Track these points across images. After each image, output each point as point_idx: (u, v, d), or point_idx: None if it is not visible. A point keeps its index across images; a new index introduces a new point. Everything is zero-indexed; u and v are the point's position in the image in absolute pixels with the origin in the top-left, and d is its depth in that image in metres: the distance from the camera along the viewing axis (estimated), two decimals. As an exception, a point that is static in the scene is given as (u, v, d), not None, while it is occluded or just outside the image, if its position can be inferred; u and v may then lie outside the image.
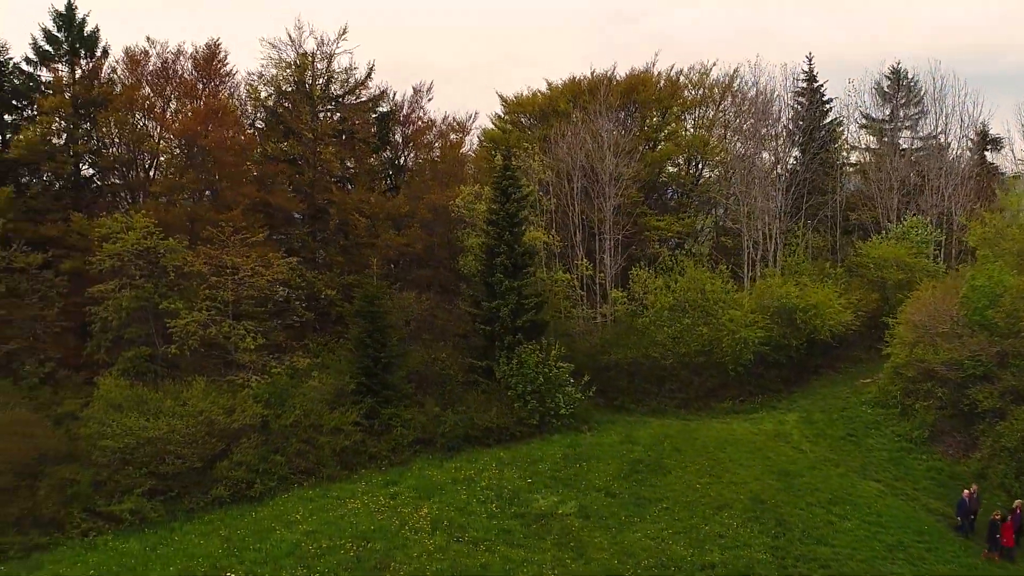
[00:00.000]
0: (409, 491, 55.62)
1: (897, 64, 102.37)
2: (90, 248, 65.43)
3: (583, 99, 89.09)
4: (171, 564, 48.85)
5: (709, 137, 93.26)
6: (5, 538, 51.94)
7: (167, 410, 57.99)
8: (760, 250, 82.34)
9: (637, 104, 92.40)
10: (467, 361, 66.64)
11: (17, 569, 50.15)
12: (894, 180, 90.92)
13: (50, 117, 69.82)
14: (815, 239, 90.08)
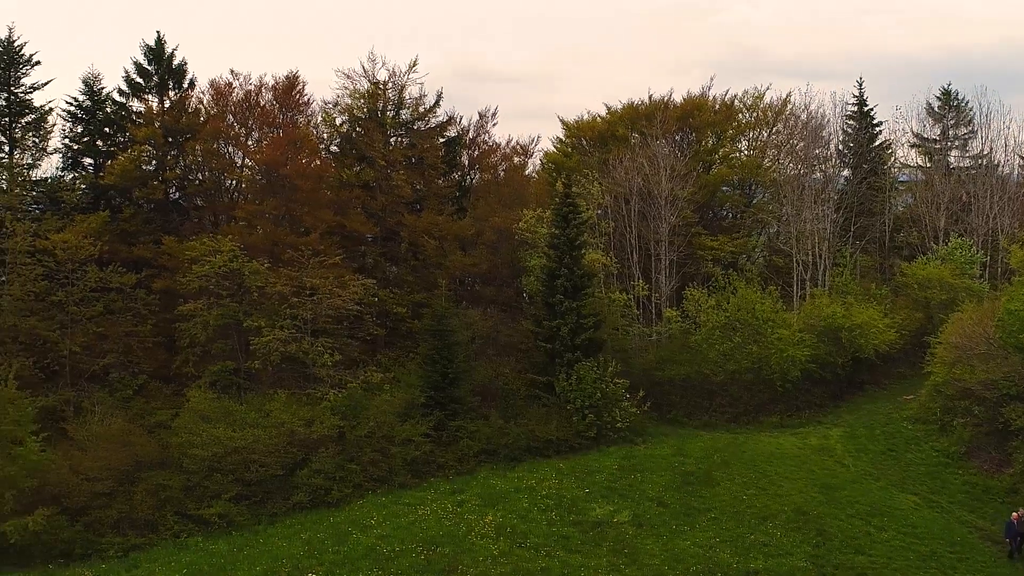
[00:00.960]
0: (475, 499, 59.37)
1: (947, 85, 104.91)
2: (179, 268, 69.85)
3: (640, 124, 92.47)
4: (257, 564, 52.99)
5: (762, 159, 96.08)
6: (105, 538, 56.48)
7: (251, 421, 62.29)
8: (810, 270, 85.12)
9: (692, 128, 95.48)
10: (529, 376, 70.25)
11: (117, 567, 54.60)
12: (942, 199, 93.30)
13: (142, 146, 74.38)
14: (863, 259, 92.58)
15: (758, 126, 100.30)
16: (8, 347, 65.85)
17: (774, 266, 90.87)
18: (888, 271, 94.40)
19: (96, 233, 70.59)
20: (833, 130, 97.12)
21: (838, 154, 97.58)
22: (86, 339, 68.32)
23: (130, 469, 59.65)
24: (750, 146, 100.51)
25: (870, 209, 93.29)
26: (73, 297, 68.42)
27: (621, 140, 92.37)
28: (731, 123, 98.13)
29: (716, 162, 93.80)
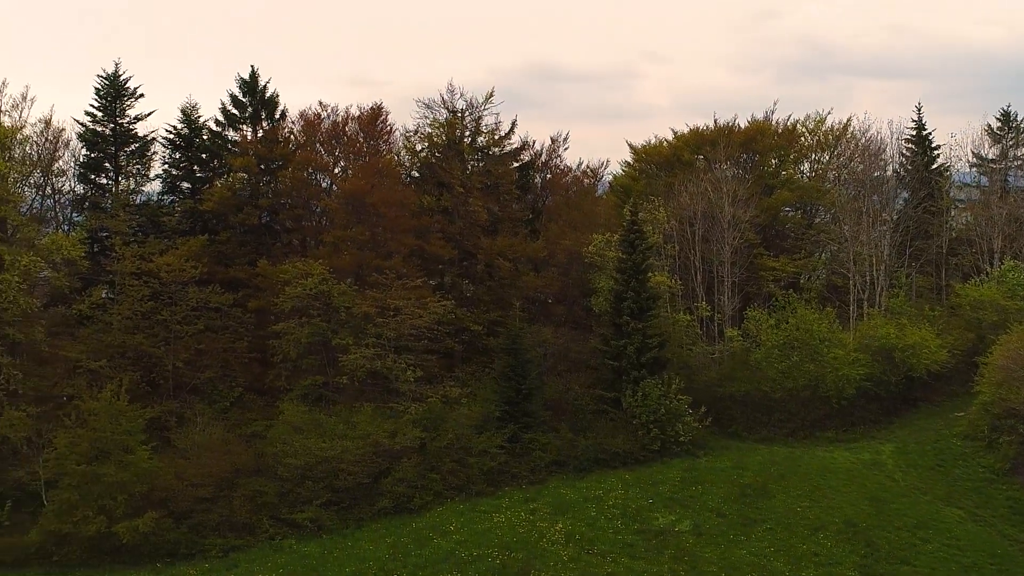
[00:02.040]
0: (546, 507, 63.31)
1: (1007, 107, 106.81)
2: (272, 289, 74.46)
3: (705, 149, 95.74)
4: (345, 566, 57.47)
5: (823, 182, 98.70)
6: (208, 540, 61.20)
7: (339, 433, 66.63)
8: (867, 290, 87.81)
9: (755, 152, 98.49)
10: (597, 392, 73.91)
11: (218, 566, 59.33)
12: (998, 220, 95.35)
13: (238, 175, 79.15)
14: (919, 280, 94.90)
15: (819, 149, 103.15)
16: (118, 362, 70.92)
17: (833, 285, 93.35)
18: (943, 292, 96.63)
19: (196, 255, 75.57)
20: (891, 154, 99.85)
21: (896, 178, 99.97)
22: (188, 355, 73.39)
23: (229, 476, 64.27)
24: (811, 168, 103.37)
25: (926, 231, 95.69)
26: (176, 316, 73.46)
27: (686, 164, 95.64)
28: (793, 147, 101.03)
29: (778, 185, 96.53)
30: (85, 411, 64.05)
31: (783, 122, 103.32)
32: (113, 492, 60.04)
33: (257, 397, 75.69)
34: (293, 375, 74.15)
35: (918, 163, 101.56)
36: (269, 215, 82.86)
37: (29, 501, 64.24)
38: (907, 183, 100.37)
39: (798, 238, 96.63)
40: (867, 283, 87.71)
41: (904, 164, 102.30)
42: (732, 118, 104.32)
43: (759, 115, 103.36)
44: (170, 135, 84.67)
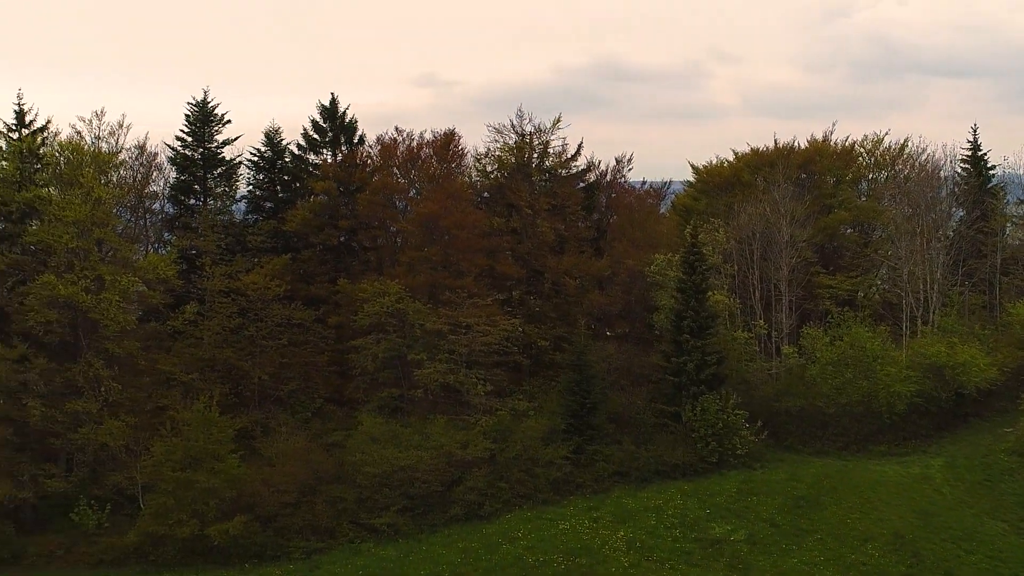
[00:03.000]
0: (608, 516, 66.45)
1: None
2: (351, 305, 78.23)
3: (764, 170, 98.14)
4: (421, 569, 61.20)
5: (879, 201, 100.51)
6: (292, 542, 65.07)
7: (414, 443, 70.17)
8: (920, 308, 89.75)
9: (813, 172, 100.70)
10: (658, 406, 76.74)
11: (301, 568, 63.24)
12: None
13: (319, 198, 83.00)
14: (972, 298, 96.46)
15: (876, 168, 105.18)
16: (208, 375, 75.16)
17: (888, 303, 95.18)
18: (996, 310, 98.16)
19: (280, 274, 79.59)
20: (946, 175, 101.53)
21: (951, 197, 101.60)
22: (273, 368, 77.54)
23: (311, 482, 68.11)
24: (869, 188, 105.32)
25: (980, 251, 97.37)
26: (262, 331, 77.61)
27: (746, 185, 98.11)
28: (850, 168, 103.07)
29: (835, 206, 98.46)
30: (179, 421, 68.46)
31: (841, 142, 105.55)
32: (205, 497, 64.01)
33: (337, 408, 79.57)
34: (371, 387, 77.90)
35: (972, 183, 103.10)
36: (348, 235, 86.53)
37: (127, 504, 68.64)
38: (962, 203, 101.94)
39: (855, 256, 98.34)
40: (920, 301, 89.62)
41: (959, 184, 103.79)
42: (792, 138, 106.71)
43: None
44: (254, 158, 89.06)
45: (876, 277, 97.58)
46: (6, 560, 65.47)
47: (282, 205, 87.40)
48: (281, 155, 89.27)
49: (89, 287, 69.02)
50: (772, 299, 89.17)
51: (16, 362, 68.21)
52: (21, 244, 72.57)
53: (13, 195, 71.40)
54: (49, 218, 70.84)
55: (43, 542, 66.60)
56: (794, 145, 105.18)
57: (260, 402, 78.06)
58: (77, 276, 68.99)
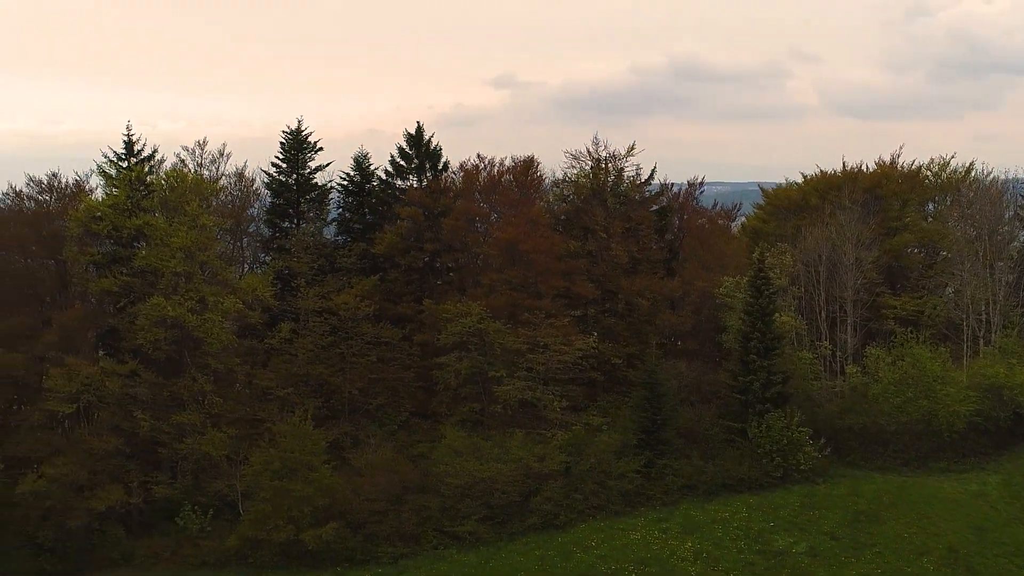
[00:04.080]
0: (677, 527, 69.45)
1: None
2: (435, 324, 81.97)
3: (832, 194, 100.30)
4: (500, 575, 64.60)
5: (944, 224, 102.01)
6: (380, 548, 68.84)
7: (494, 456, 73.62)
8: (983, 329, 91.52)
9: (879, 196, 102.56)
10: (725, 423, 79.47)
11: (389, 572, 67.18)
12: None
13: (406, 223, 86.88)
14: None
15: (942, 191, 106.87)
16: (302, 390, 79.35)
17: (952, 323, 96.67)
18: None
19: (368, 294, 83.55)
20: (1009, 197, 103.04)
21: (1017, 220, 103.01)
22: (362, 383, 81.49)
23: (398, 492, 71.87)
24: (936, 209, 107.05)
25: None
26: (352, 349, 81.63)
27: (814, 208, 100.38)
28: (916, 191, 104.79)
29: (901, 228, 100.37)
30: (276, 433, 72.58)
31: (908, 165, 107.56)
32: (300, 504, 67.89)
33: (422, 421, 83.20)
34: (453, 402, 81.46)
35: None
36: (432, 257, 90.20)
37: (227, 510, 72.84)
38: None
39: (920, 276, 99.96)
40: (983, 322, 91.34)
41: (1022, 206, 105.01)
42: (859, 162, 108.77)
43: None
44: (344, 182, 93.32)
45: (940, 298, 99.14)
46: (117, 560, 70.33)
47: (370, 228, 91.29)
48: (369, 179, 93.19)
49: (194, 308, 73.58)
50: (837, 319, 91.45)
51: (127, 377, 72.92)
52: (131, 267, 77.21)
53: (124, 221, 76.02)
54: (156, 243, 75.51)
55: (150, 544, 71.14)
56: (862, 167, 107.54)
57: (350, 415, 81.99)
58: (183, 298, 73.56)
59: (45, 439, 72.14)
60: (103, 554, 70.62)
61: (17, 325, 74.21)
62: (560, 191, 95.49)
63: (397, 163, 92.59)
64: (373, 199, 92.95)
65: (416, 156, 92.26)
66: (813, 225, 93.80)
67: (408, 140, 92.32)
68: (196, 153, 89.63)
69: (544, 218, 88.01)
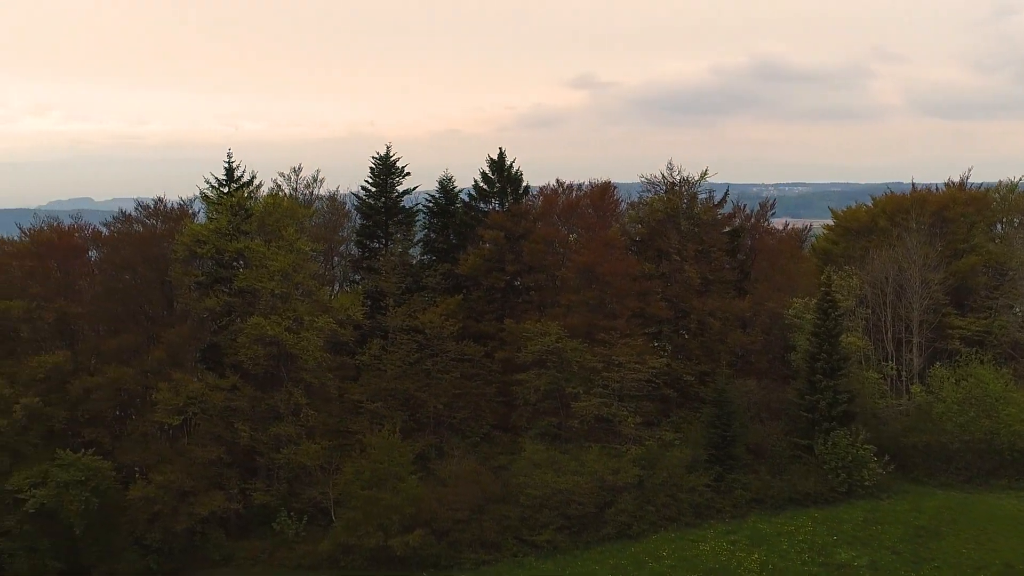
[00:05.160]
0: (744, 539, 72.24)
1: None
2: (516, 342, 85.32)
3: (900, 216, 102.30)
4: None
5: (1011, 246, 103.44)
6: (463, 554, 72.55)
7: (571, 469, 76.87)
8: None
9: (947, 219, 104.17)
10: (792, 439, 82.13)
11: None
12: None
13: (489, 245, 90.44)
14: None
15: (1009, 212, 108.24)
16: (391, 403, 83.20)
17: (1018, 343, 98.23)
18: None
19: (453, 312, 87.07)
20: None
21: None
22: (447, 398, 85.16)
23: (480, 502, 75.41)
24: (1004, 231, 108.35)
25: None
26: (437, 365, 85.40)
27: (882, 231, 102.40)
28: (983, 213, 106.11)
29: (967, 250, 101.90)
30: (366, 445, 76.60)
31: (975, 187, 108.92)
32: (388, 513, 71.76)
33: (502, 434, 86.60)
34: (533, 416, 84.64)
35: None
36: (512, 277, 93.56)
37: (320, 516, 76.97)
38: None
39: (986, 297, 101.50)
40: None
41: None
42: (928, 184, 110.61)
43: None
44: (429, 204, 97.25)
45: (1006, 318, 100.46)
46: (218, 561, 74.94)
47: (455, 248, 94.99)
48: (453, 201, 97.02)
49: (290, 326, 77.75)
50: (903, 339, 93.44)
51: (228, 391, 77.26)
52: (231, 287, 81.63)
53: (226, 244, 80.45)
54: (256, 265, 79.81)
55: (248, 547, 75.56)
56: (931, 189, 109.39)
57: (435, 428, 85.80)
58: (280, 317, 77.73)
59: (153, 448, 76.98)
60: (205, 555, 75.36)
61: (128, 341, 79.21)
62: (636, 213, 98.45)
63: (480, 187, 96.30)
64: (457, 221, 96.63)
65: (498, 180, 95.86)
66: (880, 247, 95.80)
67: (491, 165, 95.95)
68: (291, 179, 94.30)
69: (620, 240, 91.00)
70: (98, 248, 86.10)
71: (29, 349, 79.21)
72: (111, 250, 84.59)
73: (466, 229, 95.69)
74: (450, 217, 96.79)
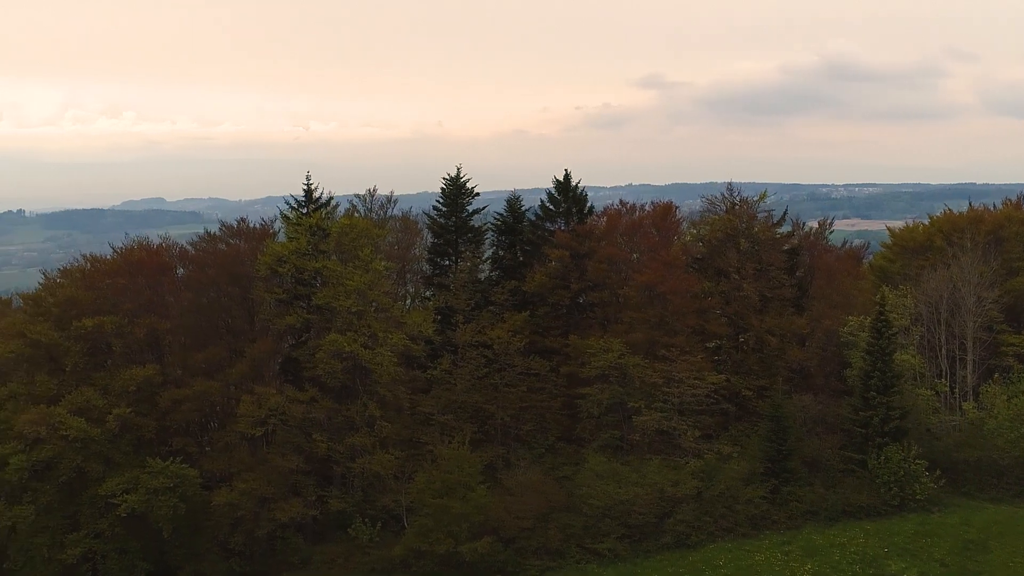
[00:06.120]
0: (798, 550, 74.67)
1: None
2: (580, 357, 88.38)
3: (955, 236, 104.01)
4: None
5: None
6: (528, 561, 75.76)
7: (632, 480, 79.73)
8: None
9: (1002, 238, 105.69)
10: (846, 454, 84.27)
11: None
12: None
13: (554, 264, 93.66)
14: None
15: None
16: (460, 416, 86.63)
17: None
18: None
19: (519, 328, 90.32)
20: None
21: None
22: (513, 410, 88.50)
23: (545, 511, 78.57)
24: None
25: None
26: (505, 379, 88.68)
27: (938, 250, 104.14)
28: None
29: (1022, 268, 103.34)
30: (437, 455, 79.89)
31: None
32: (458, 520, 74.80)
33: (566, 445, 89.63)
34: (596, 429, 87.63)
35: None
36: (576, 294, 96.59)
37: (393, 523, 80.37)
38: None
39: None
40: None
41: None
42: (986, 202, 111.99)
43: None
44: (497, 223, 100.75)
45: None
46: (296, 565, 78.76)
47: (521, 266, 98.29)
48: (521, 220, 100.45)
49: (366, 343, 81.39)
50: (957, 357, 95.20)
51: (307, 403, 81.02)
52: (310, 304, 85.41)
53: (305, 263, 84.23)
54: (333, 283, 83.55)
55: (325, 551, 79.14)
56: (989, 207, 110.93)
57: (502, 439, 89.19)
58: (356, 334, 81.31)
59: (236, 457, 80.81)
60: (284, 559, 79.27)
61: (213, 355, 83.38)
62: (697, 232, 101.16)
63: (546, 207, 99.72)
64: (523, 239, 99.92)
65: (564, 201, 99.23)
66: (936, 267, 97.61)
67: (556, 187, 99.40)
68: (366, 200, 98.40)
69: (680, 260, 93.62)
70: (185, 266, 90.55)
71: (121, 362, 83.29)
72: (197, 268, 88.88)
73: (532, 247, 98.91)
74: (517, 235, 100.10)
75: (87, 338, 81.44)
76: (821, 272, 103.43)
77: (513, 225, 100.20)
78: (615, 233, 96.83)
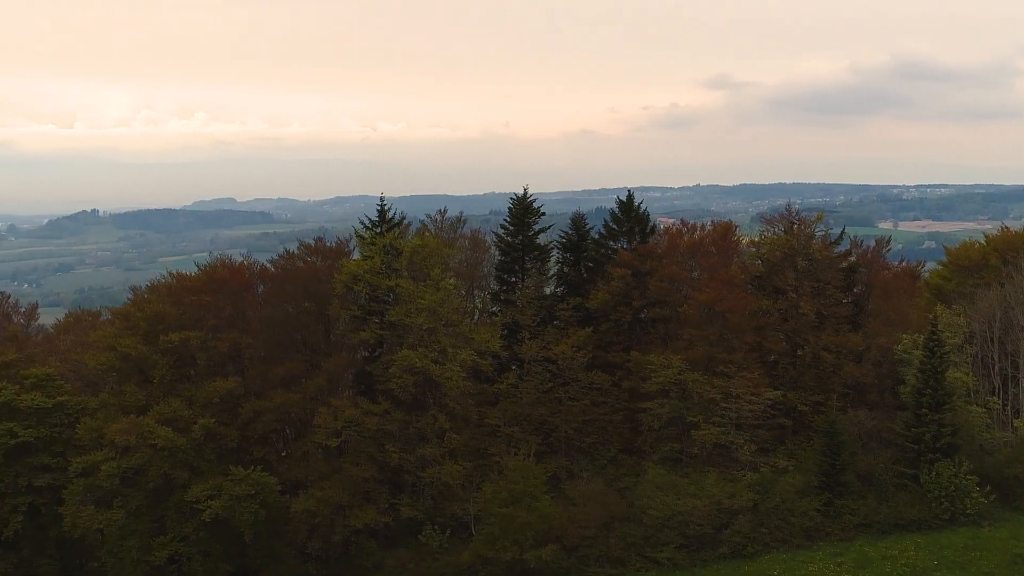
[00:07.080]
0: (850, 562, 76.97)
1: None
2: (641, 372, 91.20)
3: (1011, 254, 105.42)
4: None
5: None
6: (591, 569, 79.07)
7: (690, 492, 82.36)
8: None
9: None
10: (899, 468, 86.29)
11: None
12: None
13: (617, 282, 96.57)
14: None
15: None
16: (525, 428, 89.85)
17: None
18: None
19: (583, 344, 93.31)
20: None
21: None
22: (577, 423, 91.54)
23: (606, 520, 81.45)
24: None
25: None
26: (569, 393, 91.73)
27: (993, 268, 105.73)
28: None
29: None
30: (504, 466, 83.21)
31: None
32: (523, 529, 77.73)
33: (627, 457, 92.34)
34: (656, 442, 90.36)
35: None
36: (638, 311, 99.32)
37: (461, 530, 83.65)
38: None
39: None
40: None
41: None
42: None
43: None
44: (562, 240, 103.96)
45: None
46: (370, 569, 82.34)
47: (585, 283, 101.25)
48: (585, 238, 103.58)
49: (436, 358, 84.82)
50: (1009, 375, 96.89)
51: (380, 415, 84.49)
52: (383, 320, 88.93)
53: (379, 281, 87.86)
54: (405, 300, 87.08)
55: (397, 556, 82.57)
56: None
57: (566, 451, 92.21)
58: (427, 349, 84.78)
59: (314, 467, 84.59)
60: (358, 563, 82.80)
61: (292, 369, 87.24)
62: (755, 251, 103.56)
63: (609, 227, 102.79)
64: (587, 256, 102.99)
65: (626, 221, 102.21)
66: (990, 285, 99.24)
67: (619, 207, 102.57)
68: (437, 220, 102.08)
69: (739, 278, 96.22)
70: (265, 283, 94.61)
71: (205, 374, 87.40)
72: (276, 285, 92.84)
73: (596, 264, 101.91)
74: (581, 252, 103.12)
75: (174, 351, 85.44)
76: (878, 289, 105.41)
77: (578, 243, 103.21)
78: (676, 252, 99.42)
